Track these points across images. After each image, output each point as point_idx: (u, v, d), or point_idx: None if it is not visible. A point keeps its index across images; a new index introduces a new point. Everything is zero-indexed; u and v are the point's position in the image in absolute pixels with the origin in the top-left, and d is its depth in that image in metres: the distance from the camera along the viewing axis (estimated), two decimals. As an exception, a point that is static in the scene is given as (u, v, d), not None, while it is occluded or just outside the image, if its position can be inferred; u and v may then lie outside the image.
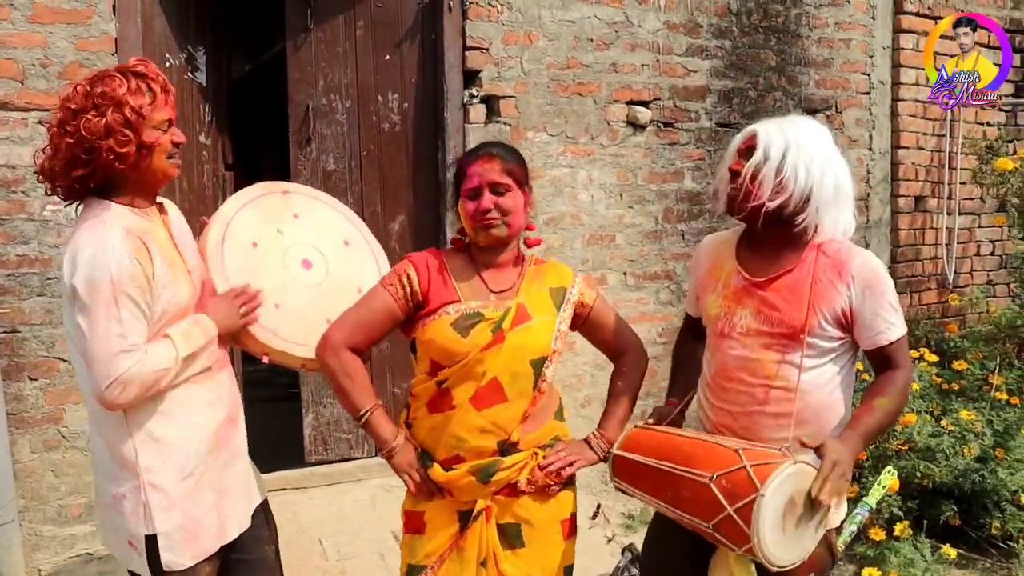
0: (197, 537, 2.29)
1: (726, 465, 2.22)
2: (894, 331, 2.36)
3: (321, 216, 2.79)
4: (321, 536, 4.15)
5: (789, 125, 2.39)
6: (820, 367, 2.40)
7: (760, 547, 2.12)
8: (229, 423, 2.41)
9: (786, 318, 2.38)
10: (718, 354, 2.52)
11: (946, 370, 5.26)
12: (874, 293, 2.35)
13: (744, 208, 2.39)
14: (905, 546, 3.97)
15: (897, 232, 6.08)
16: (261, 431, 5.14)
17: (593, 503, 4.71)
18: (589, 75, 4.90)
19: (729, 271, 2.54)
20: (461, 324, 2.34)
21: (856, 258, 2.39)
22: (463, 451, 2.35)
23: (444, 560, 2.39)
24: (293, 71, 4.49)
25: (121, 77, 2.19)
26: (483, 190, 2.36)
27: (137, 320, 2.14)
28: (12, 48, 3.68)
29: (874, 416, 2.32)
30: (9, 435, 3.68)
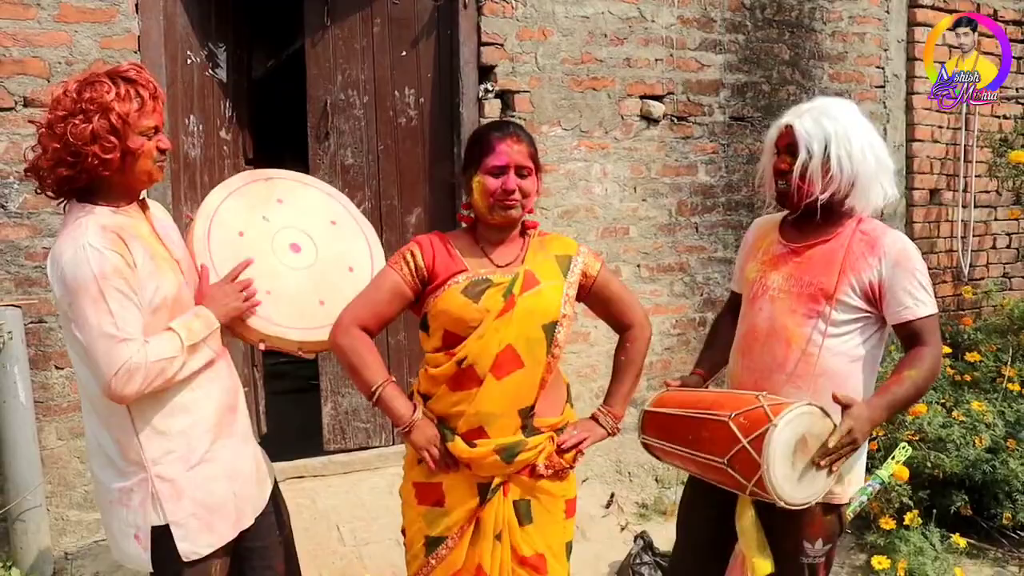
0: (213, 525, 2.33)
1: (745, 406, 2.40)
2: (922, 308, 2.45)
3: (306, 199, 2.80)
4: (339, 522, 4.22)
5: (822, 116, 2.52)
6: (842, 336, 2.51)
7: (768, 476, 2.26)
8: (229, 411, 2.43)
9: (815, 280, 2.52)
10: (748, 316, 2.70)
11: (959, 362, 5.29)
12: (903, 269, 2.46)
13: (799, 204, 2.57)
14: (915, 535, 4.01)
15: (912, 225, 6.09)
16: (281, 421, 5.29)
17: (607, 492, 4.77)
18: (603, 70, 4.95)
19: (771, 241, 2.72)
20: (471, 290, 2.37)
21: (889, 235, 2.52)
22: (487, 424, 2.38)
23: (464, 532, 2.44)
24: (311, 67, 4.57)
25: (110, 83, 2.20)
26: (509, 170, 2.38)
27: (128, 311, 2.15)
28: (39, 47, 3.77)
29: (902, 387, 2.41)
30: (36, 422, 3.77)
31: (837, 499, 2.56)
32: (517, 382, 2.39)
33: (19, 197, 3.78)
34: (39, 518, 3.77)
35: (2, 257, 3.78)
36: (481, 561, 2.43)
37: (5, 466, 3.70)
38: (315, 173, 4.52)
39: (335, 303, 2.57)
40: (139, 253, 2.23)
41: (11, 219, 3.79)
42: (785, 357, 2.55)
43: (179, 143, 4.24)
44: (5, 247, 3.78)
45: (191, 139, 4.37)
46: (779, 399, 2.40)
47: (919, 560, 3.88)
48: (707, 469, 2.51)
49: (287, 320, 2.51)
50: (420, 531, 2.50)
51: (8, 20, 3.71)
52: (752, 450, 2.30)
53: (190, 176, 4.35)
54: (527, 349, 2.39)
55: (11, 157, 3.75)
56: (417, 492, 2.51)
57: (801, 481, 2.31)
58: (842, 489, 2.56)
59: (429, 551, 2.47)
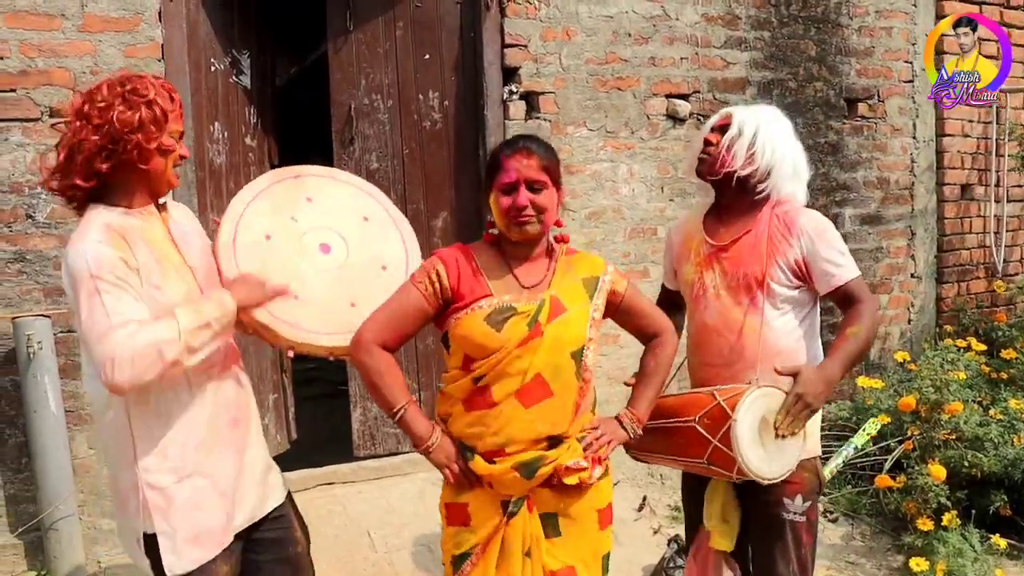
0: (199, 539, 2.28)
1: (705, 406, 2.59)
2: (846, 272, 2.66)
3: (336, 196, 2.73)
4: (369, 528, 4.20)
5: (759, 111, 2.79)
6: (783, 315, 2.72)
7: (745, 464, 2.46)
8: (232, 426, 2.39)
9: (748, 271, 2.71)
10: (695, 315, 2.87)
11: (995, 359, 5.21)
12: (820, 242, 2.66)
13: (718, 172, 2.76)
14: (953, 536, 3.95)
15: (943, 221, 6.01)
16: (311, 427, 5.30)
17: (639, 496, 4.73)
18: (628, 69, 4.91)
19: (699, 241, 2.88)
20: (494, 318, 2.33)
21: (802, 215, 2.72)
22: (511, 448, 2.34)
23: (487, 548, 2.40)
24: (335, 72, 4.56)
25: (150, 80, 2.24)
26: (520, 186, 2.34)
27: (122, 302, 2.09)
28: (64, 57, 3.79)
29: (849, 343, 2.61)
30: (67, 431, 3.79)
31: (809, 453, 2.68)
32: (546, 409, 2.36)
33: (47, 207, 3.80)
34: (71, 527, 3.79)
35: (31, 267, 3.79)
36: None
37: (37, 475, 3.72)
38: (340, 178, 4.52)
39: (366, 304, 2.52)
40: (144, 256, 2.20)
41: (39, 229, 3.80)
42: (741, 347, 2.72)
43: (204, 150, 4.24)
44: (34, 257, 3.79)
45: (216, 146, 4.37)
46: (732, 389, 2.58)
47: (958, 562, 3.82)
48: (694, 468, 2.72)
49: (316, 325, 2.45)
50: (448, 551, 2.47)
51: (33, 31, 3.73)
52: (723, 447, 2.49)
53: (216, 183, 4.35)
54: (555, 376, 2.35)
55: (38, 168, 3.75)
56: (447, 513, 2.49)
57: (775, 456, 2.51)
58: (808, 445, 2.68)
59: (455, 569, 2.44)
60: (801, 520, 2.69)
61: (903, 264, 5.90)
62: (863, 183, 5.72)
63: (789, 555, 2.69)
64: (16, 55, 3.72)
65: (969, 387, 4.65)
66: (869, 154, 5.73)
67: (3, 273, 3.76)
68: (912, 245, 5.93)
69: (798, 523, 2.69)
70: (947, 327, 5.91)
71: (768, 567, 2.73)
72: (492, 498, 2.41)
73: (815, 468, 2.74)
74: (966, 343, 5.06)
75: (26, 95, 3.75)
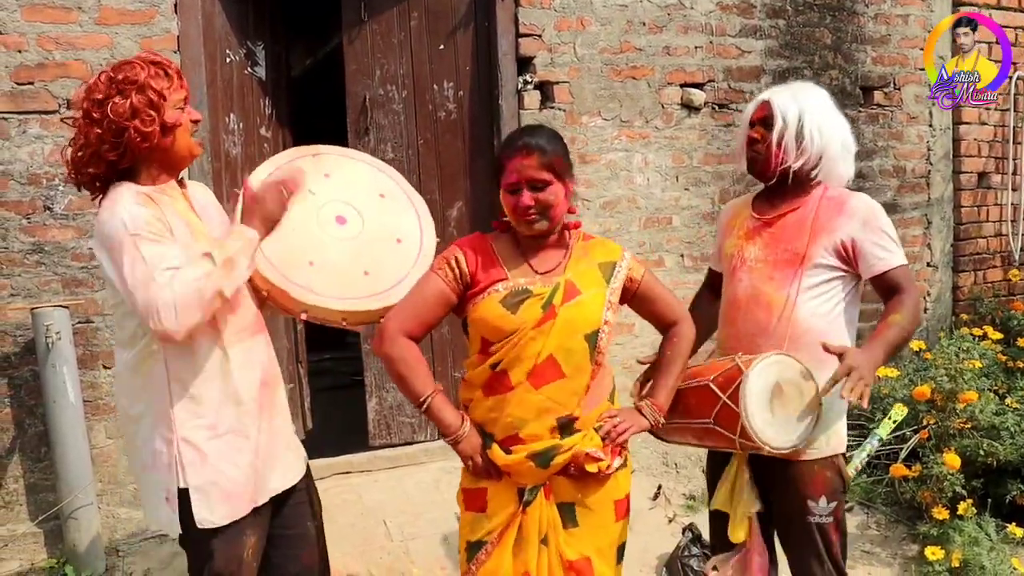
0: (231, 496, 2.33)
1: (722, 368, 2.59)
2: (893, 258, 2.62)
3: (353, 172, 2.77)
4: (385, 517, 4.23)
5: (799, 92, 2.72)
6: (820, 296, 2.66)
7: (749, 422, 2.44)
8: (264, 387, 2.45)
9: (790, 246, 2.68)
10: (729, 288, 2.84)
11: (1011, 347, 5.18)
12: (871, 226, 2.62)
13: (772, 170, 2.72)
14: (969, 525, 3.93)
15: (960, 209, 5.98)
16: (327, 417, 5.32)
17: (654, 484, 4.74)
18: (642, 59, 4.91)
19: (744, 217, 2.87)
20: (510, 301, 2.35)
21: (854, 198, 2.69)
22: (522, 431, 2.36)
23: (503, 536, 2.42)
24: (350, 63, 4.57)
25: (140, 64, 2.28)
26: (522, 186, 2.35)
27: (161, 252, 2.16)
28: (81, 49, 3.82)
29: (892, 330, 2.56)
30: (86, 421, 3.83)
31: (832, 450, 2.66)
32: (557, 390, 2.37)
33: (64, 199, 3.83)
34: (90, 515, 3.83)
35: (49, 258, 3.83)
36: (528, 568, 2.40)
37: (57, 464, 3.76)
38: (355, 169, 4.54)
39: (380, 274, 2.57)
40: (174, 219, 2.28)
41: (57, 220, 3.84)
42: (767, 321, 2.68)
43: (220, 141, 4.27)
44: (52, 248, 3.83)
45: (232, 137, 4.39)
46: (753, 356, 2.55)
47: (974, 551, 3.80)
48: (702, 434, 2.68)
49: (329, 290, 2.48)
50: (464, 536, 2.50)
51: (50, 24, 3.76)
52: (731, 403, 2.48)
53: (232, 174, 4.37)
54: (567, 359, 2.37)
55: (56, 159, 3.79)
56: (465, 498, 2.52)
57: (783, 426, 2.49)
58: (830, 442, 2.66)
59: (470, 556, 2.47)
60: (828, 521, 2.65)
61: (919, 253, 5.88)
62: (879, 171, 5.69)
63: (822, 557, 2.66)
64: (34, 48, 3.75)
65: (985, 376, 4.63)
66: (885, 142, 5.71)
67: (22, 264, 3.80)
68: (928, 234, 5.91)
69: (826, 524, 2.65)
70: (963, 316, 5.89)
71: (803, 572, 2.71)
72: (509, 485, 2.43)
73: (838, 467, 2.69)
74: (982, 332, 5.04)
75: (44, 88, 3.78)
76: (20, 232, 3.79)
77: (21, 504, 3.87)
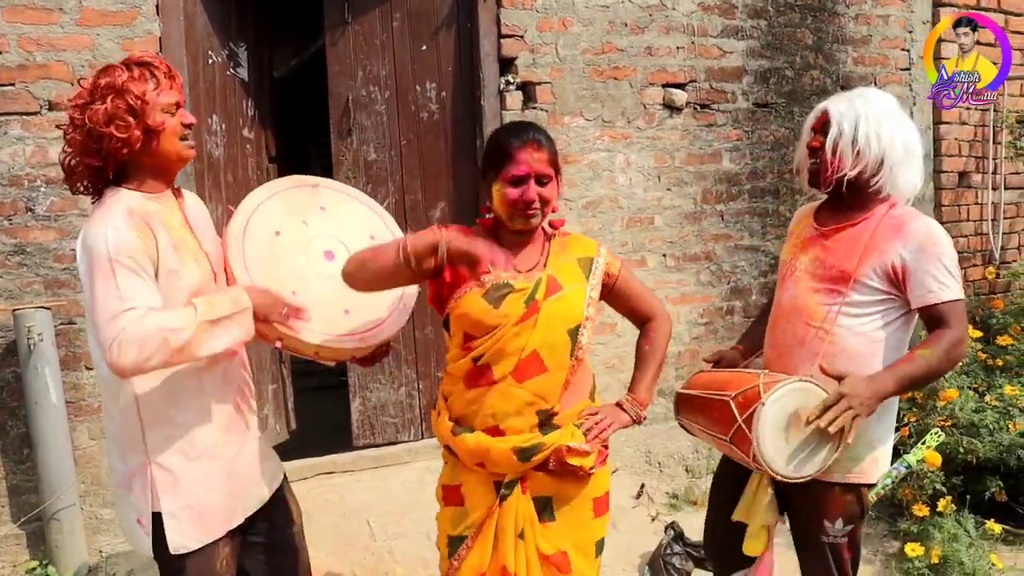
0: (204, 519, 2.32)
1: (746, 384, 2.52)
2: (945, 292, 2.47)
3: (348, 211, 2.78)
4: (369, 517, 4.23)
5: (856, 98, 2.62)
6: (862, 317, 2.57)
7: (758, 449, 2.39)
8: (236, 410, 2.43)
9: (837, 263, 2.60)
10: (777, 296, 2.83)
11: (991, 345, 5.23)
12: (928, 254, 2.48)
13: (829, 180, 2.64)
14: (949, 522, 3.98)
15: (940, 208, 6.02)
16: (310, 418, 5.32)
17: (637, 483, 4.76)
18: (624, 59, 4.92)
19: (805, 225, 2.82)
20: (492, 295, 2.36)
21: (916, 220, 2.56)
22: (503, 424, 2.38)
23: (482, 531, 2.44)
24: (332, 64, 4.58)
25: (123, 67, 2.25)
26: (530, 179, 2.35)
27: (136, 287, 2.12)
28: (62, 50, 3.81)
29: (912, 364, 2.46)
30: (68, 422, 3.82)
31: (858, 478, 2.62)
32: (539, 385, 2.39)
33: (47, 200, 3.82)
34: (73, 517, 3.82)
35: (31, 259, 3.82)
36: (505, 562, 2.42)
37: (39, 465, 3.75)
38: (338, 169, 4.55)
39: (360, 312, 2.57)
40: (163, 241, 2.23)
41: (39, 222, 3.83)
42: (804, 334, 2.64)
43: (203, 142, 4.26)
44: (34, 250, 3.82)
45: (214, 138, 4.39)
46: (777, 377, 2.50)
47: (953, 547, 3.84)
48: (721, 445, 2.66)
49: (307, 324, 2.48)
50: (444, 532, 2.52)
51: (32, 25, 3.75)
52: (745, 428, 2.43)
53: (214, 175, 4.37)
54: (551, 354, 2.39)
55: (38, 161, 3.79)
56: (444, 494, 2.54)
57: (795, 454, 2.42)
58: (860, 469, 2.61)
59: (451, 551, 2.48)
60: (842, 541, 2.64)
61: (900, 252, 5.91)
62: (860, 171, 5.72)
63: (830, 571, 2.66)
64: (15, 49, 3.74)
65: (965, 374, 4.68)
66: (866, 142, 5.73)
67: (3, 265, 3.79)
68: (909, 233, 5.93)
69: (839, 544, 2.64)
70: (944, 314, 5.91)
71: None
72: (485, 479, 2.46)
73: (861, 494, 2.65)
74: (962, 330, 5.08)
75: (25, 89, 3.77)
76: (2, 233, 3.78)
77: (3, 506, 3.86)
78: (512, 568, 2.41)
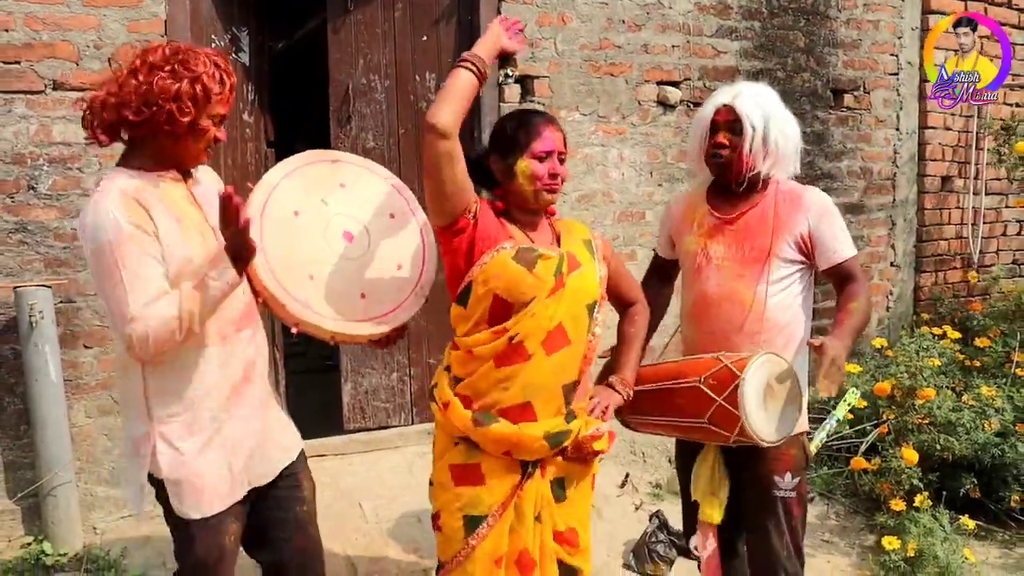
0: (203, 492, 2.34)
1: (710, 368, 2.67)
2: (848, 250, 2.78)
3: (369, 187, 2.75)
4: (361, 500, 4.29)
5: (757, 96, 2.79)
6: (785, 289, 2.79)
7: (749, 423, 2.56)
8: (244, 382, 2.44)
9: (756, 244, 2.79)
10: (696, 285, 2.91)
11: (969, 347, 5.35)
12: (827, 218, 2.78)
13: (741, 176, 2.79)
14: (924, 517, 4.06)
15: (923, 212, 6.15)
16: (301, 400, 5.36)
17: (622, 472, 4.85)
18: (621, 56, 4.99)
19: (702, 213, 2.92)
20: (523, 257, 2.40)
21: (808, 192, 2.84)
22: (534, 398, 2.44)
23: (505, 509, 2.47)
24: (334, 51, 4.62)
25: (205, 58, 2.27)
26: (555, 155, 2.46)
27: (139, 274, 2.16)
28: (68, 30, 3.83)
29: (853, 316, 2.69)
30: (66, 400, 3.86)
31: (797, 429, 2.77)
32: (564, 357, 2.46)
33: (48, 179, 3.85)
34: (69, 494, 3.86)
35: (32, 238, 3.84)
36: (525, 546, 2.47)
37: (37, 443, 3.79)
38: (336, 157, 4.58)
39: (376, 298, 2.58)
40: (162, 217, 2.24)
41: (41, 200, 3.85)
42: (740, 318, 2.79)
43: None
44: (35, 228, 3.85)
45: (215, 122, 4.41)
46: (737, 355, 2.67)
47: (928, 541, 3.93)
48: (690, 431, 2.80)
49: (325, 309, 2.49)
50: (459, 511, 2.50)
51: (38, 4, 3.77)
52: (728, 405, 2.58)
53: (213, 158, 4.40)
54: (573, 326, 2.47)
55: (41, 139, 3.82)
56: (454, 474, 2.52)
57: (775, 421, 2.63)
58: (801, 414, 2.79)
59: (469, 531, 2.48)
60: (791, 496, 2.80)
61: (883, 253, 6.04)
62: (847, 172, 5.84)
63: (782, 528, 2.81)
64: (21, 28, 3.76)
65: (943, 374, 4.79)
66: (853, 144, 5.85)
67: (5, 243, 3.81)
68: (892, 234, 6.06)
69: (789, 499, 2.80)
70: (924, 315, 6.05)
71: (762, 542, 2.85)
72: (509, 460, 2.49)
73: (802, 444, 2.86)
74: (942, 331, 5.20)
75: (30, 68, 3.79)
76: (3, 211, 3.80)
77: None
78: (532, 551, 2.48)
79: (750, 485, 2.85)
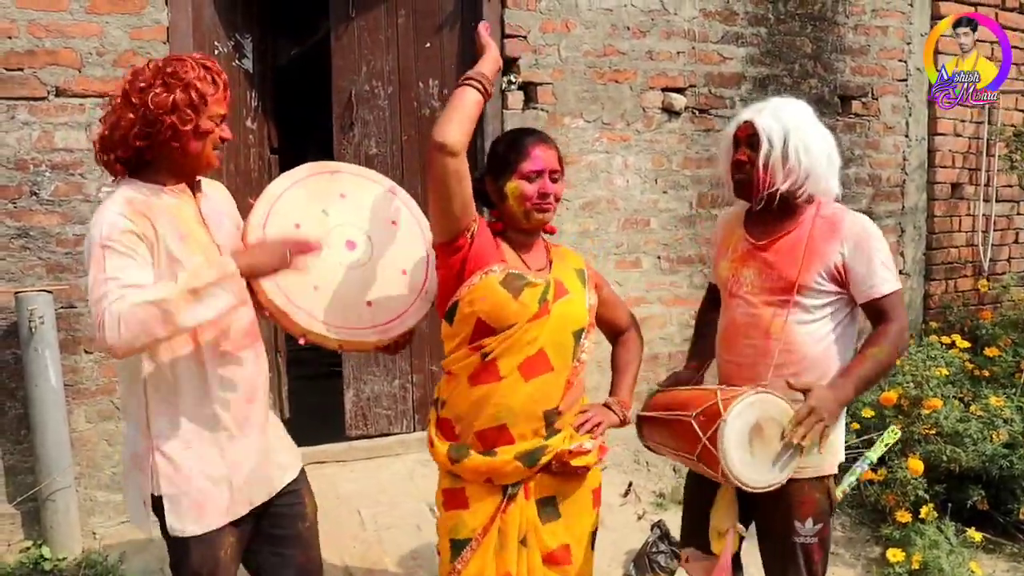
0: (203, 508, 2.34)
1: (706, 402, 2.51)
2: (886, 285, 2.55)
3: (369, 196, 2.73)
4: (360, 507, 4.28)
5: (780, 110, 2.63)
6: (816, 321, 2.61)
7: (727, 465, 2.38)
8: (246, 402, 2.44)
9: (783, 274, 2.62)
10: (727, 312, 2.79)
11: (978, 356, 5.29)
12: (865, 250, 2.56)
13: (759, 194, 2.63)
14: (930, 529, 4.02)
15: (932, 219, 6.09)
16: (303, 407, 5.36)
17: (625, 481, 4.82)
18: (625, 62, 4.98)
19: (738, 238, 2.79)
20: (510, 284, 2.38)
21: (848, 217, 2.63)
22: (510, 422, 2.41)
23: (487, 532, 2.45)
24: (337, 58, 4.62)
25: (192, 63, 2.28)
26: (545, 174, 2.42)
27: (124, 267, 2.14)
28: (71, 37, 3.85)
29: (865, 365, 2.53)
30: (66, 405, 3.87)
31: (821, 471, 2.64)
32: (545, 383, 2.43)
33: (51, 185, 3.87)
34: (68, 498, 3.87)
35: (34, 243, 3.86)
36: (508, 568, 2.45)
37: (37, 447, 3.80)
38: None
39: (383, 305, 2.58)
40: (166, 230, 2.25)
41: (43, 206, 3.87)
42: (766, 348, 2.64)
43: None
44: (37, 234, 3.86)
45: (218, 128, 4.43)
46: (735, 391, 2.49)
47: (934, 554, 3.89)
48: (689, 464, 2.68)
49: (331, 318, 2.48)
50: (447, 536, 2.51)
51: (41, 11, 3.79)
52: (710, 446, 2.42)
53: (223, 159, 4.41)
54: (557, 353, 2.44)
55: (43, 146, 3.83)
56: (445, 499, 2.54)
57: (763, 465, 2.43)
58: (819, 460, 2.61)
59: (454, 555, 2.48)
60: (813, 541, 2.64)
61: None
62: (855, 180, 5.79)
63: (800, 573, 2.66)
64: (24, 35, 3.78)
65: (951, 383, 4.72)
66: (862, 151, 5.80)
67: (7, 248, 3.83)
68: (901, 242, 6.01)
69: (810, 544, 2.64)
70: (933, 323, 5.99)
71: None
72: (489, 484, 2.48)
73: (828, 488, 2.68)
74: (951, 340, 5.15)
75: (33, 74, 3.81)
76: (6, 216, 3.82)
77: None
78: (515, 574, 2.45)
79: (768, 526, 2.73)
